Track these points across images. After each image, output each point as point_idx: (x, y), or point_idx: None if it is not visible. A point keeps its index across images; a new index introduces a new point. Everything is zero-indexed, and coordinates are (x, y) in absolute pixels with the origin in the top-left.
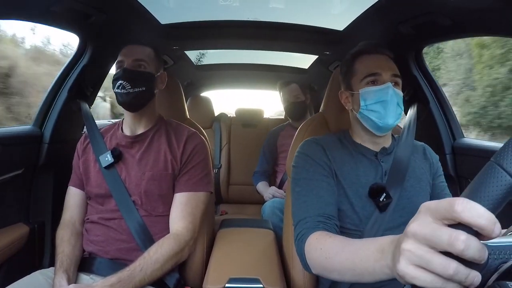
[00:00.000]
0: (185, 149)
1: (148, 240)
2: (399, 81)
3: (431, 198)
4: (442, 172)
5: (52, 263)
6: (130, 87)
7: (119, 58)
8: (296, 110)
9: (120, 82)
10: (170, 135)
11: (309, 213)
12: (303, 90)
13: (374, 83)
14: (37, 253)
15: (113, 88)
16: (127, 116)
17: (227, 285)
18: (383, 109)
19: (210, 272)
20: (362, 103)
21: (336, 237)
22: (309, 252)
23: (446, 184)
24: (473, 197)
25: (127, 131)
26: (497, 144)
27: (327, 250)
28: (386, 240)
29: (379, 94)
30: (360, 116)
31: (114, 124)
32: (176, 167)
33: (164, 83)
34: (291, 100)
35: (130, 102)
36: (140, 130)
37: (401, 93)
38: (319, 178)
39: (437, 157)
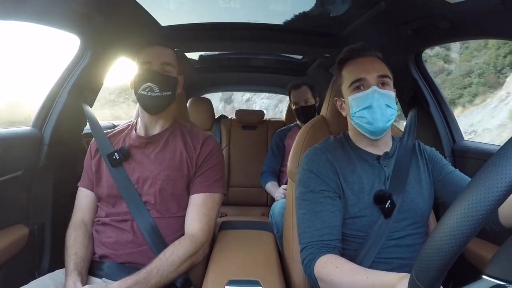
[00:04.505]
0: (201, 152)
1: (160, 243)
2: (388, 80)
3: (441, 186)
4: (441, 157)
5: (52, 265)
6: (158, 90)
7: (145, 59)
8: (306, 114)
9: (148, 84)
10: (186, 137)
11: (313, 239)
12: (313, 93)
13: (359, 88)
14: (36, 255)
15: (138, 89)
16: (144, 117)
17: (226, 287)
18: (370, 114)
19: (210, 274)
20: (351, 110)
21: (343, 268)
22: (320, 280)
23: (448, 164)
24: None
25: (141, 132)
26: (496, 147)
27: (338, 283)
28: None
29: (364, 100)
30: (353, 122)
31: (128, 125)
32: (191, 168)
33: (181, 87)
34: (301, 104)
35: (157, 105)
36: (155, 131)
37: (390, 93)
38: (323, 201)
39: (432, 148)
